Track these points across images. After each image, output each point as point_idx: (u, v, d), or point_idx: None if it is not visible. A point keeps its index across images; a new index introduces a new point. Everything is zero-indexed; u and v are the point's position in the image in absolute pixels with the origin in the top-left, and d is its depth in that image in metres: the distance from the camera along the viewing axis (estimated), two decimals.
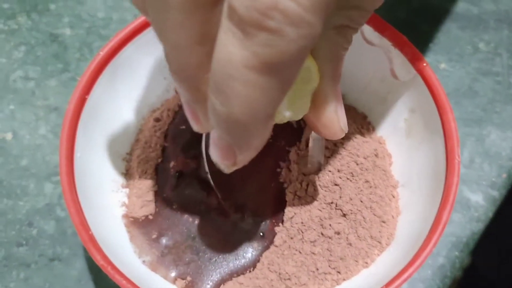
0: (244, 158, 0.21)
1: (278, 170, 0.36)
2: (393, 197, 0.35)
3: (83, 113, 0.32)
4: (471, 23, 0.47)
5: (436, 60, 0.45)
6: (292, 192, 0.34)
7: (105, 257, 0.28)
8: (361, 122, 0.37)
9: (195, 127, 0.24)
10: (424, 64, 0.32)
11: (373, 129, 0.37)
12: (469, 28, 0.47)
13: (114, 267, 0.28)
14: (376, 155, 0.35)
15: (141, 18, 0.34)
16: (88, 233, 0.28)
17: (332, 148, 0.35)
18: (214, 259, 0.34)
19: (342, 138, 0.35)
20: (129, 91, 0.36)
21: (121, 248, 0.33)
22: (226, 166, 0.22)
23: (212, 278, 0.33)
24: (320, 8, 0.16)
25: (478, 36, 0.46)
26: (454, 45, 0.46)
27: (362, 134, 0.36)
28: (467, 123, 0.43)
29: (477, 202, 0.40)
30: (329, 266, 0.32)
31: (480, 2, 0.47)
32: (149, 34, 0.35)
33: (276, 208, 0.35)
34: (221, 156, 0.21)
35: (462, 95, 0.44)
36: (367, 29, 0.34)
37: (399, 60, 0.33)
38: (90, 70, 0.32)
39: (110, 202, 0.34)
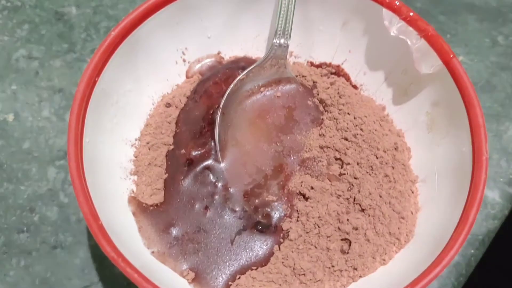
0: None
1: (295, 160, 0.34)
2: (412, 192, 0.33)
3: (93, 96, 0.31)
4: (489, 15, 0.45)
5: None
6: (308, 185, 0.33)
7: (115, 249, 0.26)
8: (380, 114, 0.36)
9: None
10: (451, 56, 0.31)
11: (392, 121, 0.36)
12: (488, 20, 0.45)
13: (125, 260, 0.26)
14: (396, 149, 0.34)
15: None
16: (97, 223, 0.27)
17: (352, 140, 0.33)
18: (224, 252, 0.33)
19: (361, 130, 0.34)
20: (140, 75, 0.35)
21: (130, 238, 0.31)
22: None
23: (223, 271, 0.32)
24: None
25: (497, 29, 0.45)
26: (472, 38, 0.45)
27: (381, 126, 0.35)
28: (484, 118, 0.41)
29: (493, 199, 0.39)
30: (346, 262, 0.31)
31: None
32: (162, 16, 0.33)
33: (291, 201, 0.33)
34: None
35: (479, 89, 0.42)
36: (391, 17, 0.32)
37: (424, 51, 0.32)
38: (101, 50, 0.31)
39: (119, 189, 0.33)
